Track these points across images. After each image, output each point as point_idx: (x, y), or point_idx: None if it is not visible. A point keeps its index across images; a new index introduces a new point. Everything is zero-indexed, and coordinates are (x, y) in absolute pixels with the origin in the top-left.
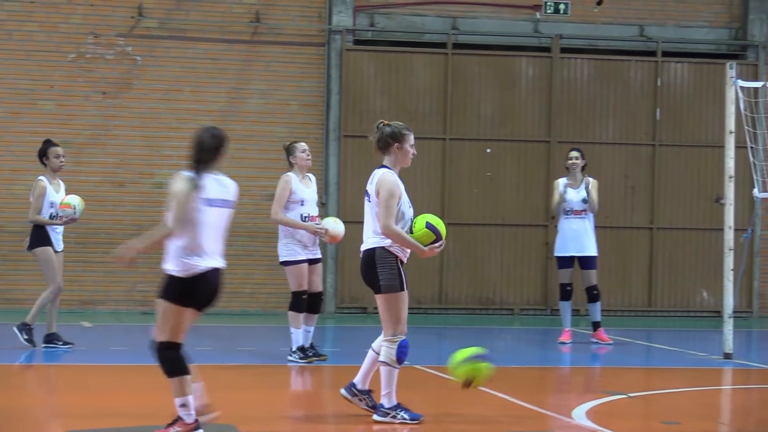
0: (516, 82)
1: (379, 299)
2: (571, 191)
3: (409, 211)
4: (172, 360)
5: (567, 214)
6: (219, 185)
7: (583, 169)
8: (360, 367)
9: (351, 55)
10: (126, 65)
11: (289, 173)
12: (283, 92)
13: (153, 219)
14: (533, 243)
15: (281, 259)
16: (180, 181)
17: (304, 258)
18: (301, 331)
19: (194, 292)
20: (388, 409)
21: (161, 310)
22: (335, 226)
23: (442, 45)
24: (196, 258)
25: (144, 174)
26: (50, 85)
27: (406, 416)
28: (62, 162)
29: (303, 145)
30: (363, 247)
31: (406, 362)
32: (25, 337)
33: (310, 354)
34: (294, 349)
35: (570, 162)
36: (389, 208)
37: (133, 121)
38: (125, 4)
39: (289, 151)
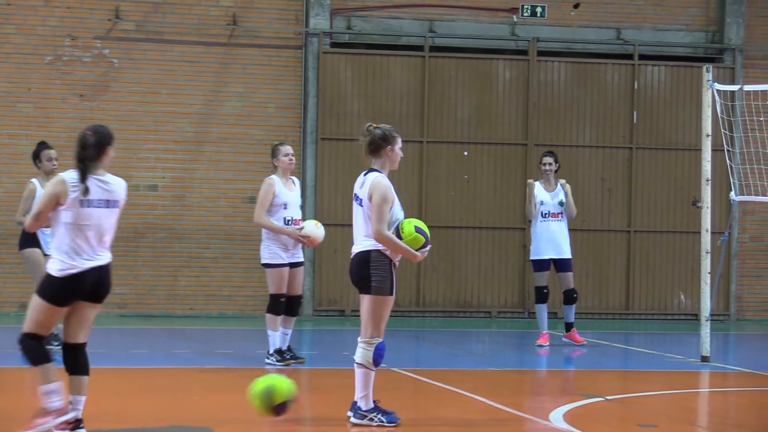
0: (493, 84)
1: (366, 300)
2: (547, 194)
3: (400, 215)
4: (34, 349)
5: (544, 217)
6: (101, 186)
7: (555, 172)
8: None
9: (328, 57)
10: (103, 68)
11: (272, 176)
12: (260, 95)
13: (130, 222)
14: (510, 246)
15: (263, 261)
16: (54, 182)
17: (285, 261)
18: (278, 334)
19: (68, 292)
20: (366, 411)
21: (33, 303)
22: (316, 230)
23: (419, 48)
24: (72, 259)
25: (121, 176)
26: (28, 88)
27: (383, 419)
28: (54, 165)
29: (287, 148)
30: (356, 249)
31: (382, 365)
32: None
33: (288, 357)
34: (271, 351)
35: (544, 168)
36: (381, 213)
37: (110, 123)
38: (102, 6)
39: (273, 153)
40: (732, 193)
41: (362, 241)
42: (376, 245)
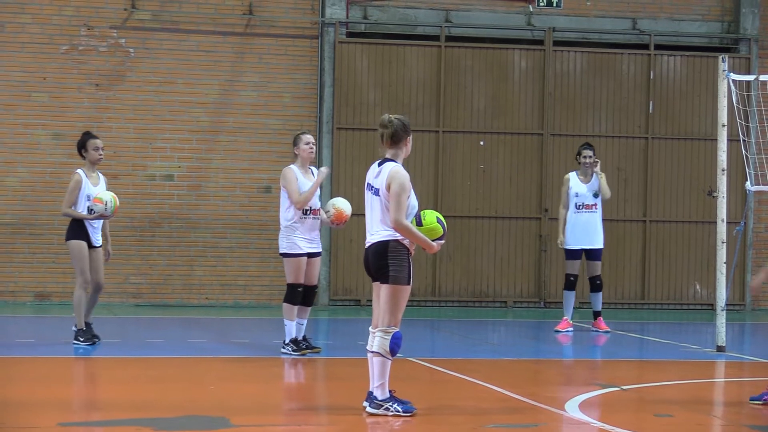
0: (509, 74)
1: (384, 289)
2: (583, 186)
3: (415, 204)
4: None
5: (579, 209)
6: None
7: (595, 164)
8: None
9: (344, 47)
10: (119, 57)
11: (291, 166)
12: (276, 84)
13: (146, 211)
14: (526, 235)
15: (281, 251)
16: None
17: (303, 252)
18: (294, 324)
19: None
20: (382, 401)
21: None
22: (344, 204)
23: (435, 38)
24: None
25: (137, 166)
26: (43, 77)
27: (399, 408)
28: (101, 154)
29: (308, 137)
30: (373, 239)
31: (399, 354)
32: (82, 339)
33: (303, 346)
34: (287, 341)
35: (585, 161)
36: (400, 203)
37: (126, 113)
38: None
39: (294, 141)
40: (747, 183)
41: (379, 231)
42: (394, 235)
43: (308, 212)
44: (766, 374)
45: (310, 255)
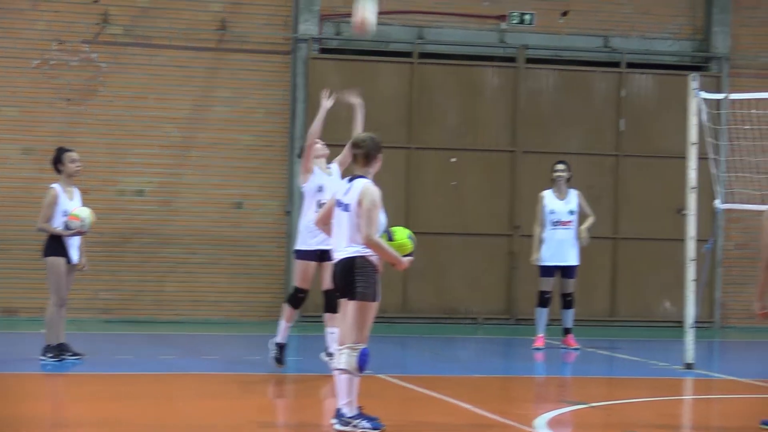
0: (481, 91)
1: (351, 306)
2: (559, 203)
3: (384, 219)
4: None
5: (554, 225)
6: None
7: (568, 180)
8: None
9: (317, 63)
10: (91, 72)
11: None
12: (248, 100)
13: (116, 227)
14: (497, 252)
15: (294, 248)
16: None
17: (313, 249)
18: (289, 326)
19: None
20: (350, 418)
21: None
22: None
23: (408, 54)
24: None
25: (108, 181)
26: (14, 92)
27: (367, 425)
28: (78, 166)
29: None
30: (340, 256)
31: (367, 371)
32: (50, 356)
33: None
34: (278, 340)
35: (557, 175)
36: (372, 218)
37: (97, 128)
38: (90, 10)
39: (301, 152)
40: (717, 201)
41: (347, 247)
42: (361, 251)
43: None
44: (735, 392)
45: (324, 256)
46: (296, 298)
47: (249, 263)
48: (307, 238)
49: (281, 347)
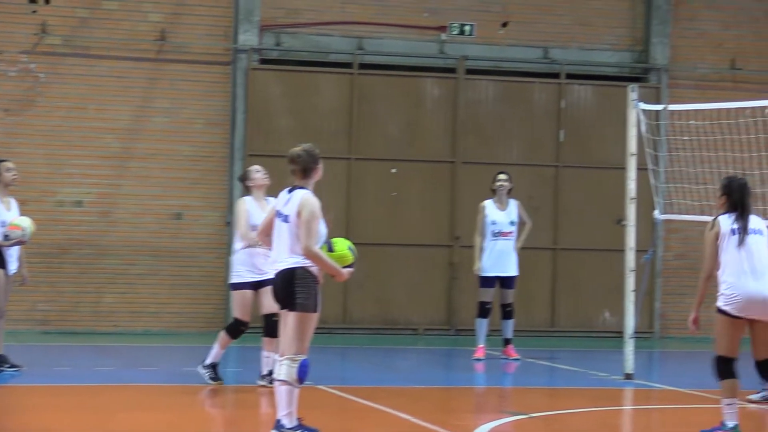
0: (421, 102)
1: (291, 317)
2: (500, 213)
3: (324, 230)
4: None
5: (495, 236)
6: None
7: (509, 191)
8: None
9: (257, 74)
10: (29, 82)
11: (245, 197)
12: (188, 111)
13: (54, 238)
14: (438, 263)
15: (229, 281)
16: None
17: (248, 281)
18: (222, 352)
19: None
20: (289, 429)
21: None
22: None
23: (348, 65)
24: None
25: (46, 192)
26: None
27: None
28: (15, 175)
29: (257, 167)
30: (280, 266)
31: (307, 382)
32: None
33: (268, 381)
34: (207, 363)
35: (498, 184)
36: (311, 229)
37: (35, 138)
38: (29, 21)
39: (244, 177)
40: (656, 212)
41: (287, 259)
42: (302, 262)
43: (260, 244)
44: (674, 402)
45: (260, 285)
46: (237, 330)
47: (189, 274)
48: (241, 271)
49: (213, 366)
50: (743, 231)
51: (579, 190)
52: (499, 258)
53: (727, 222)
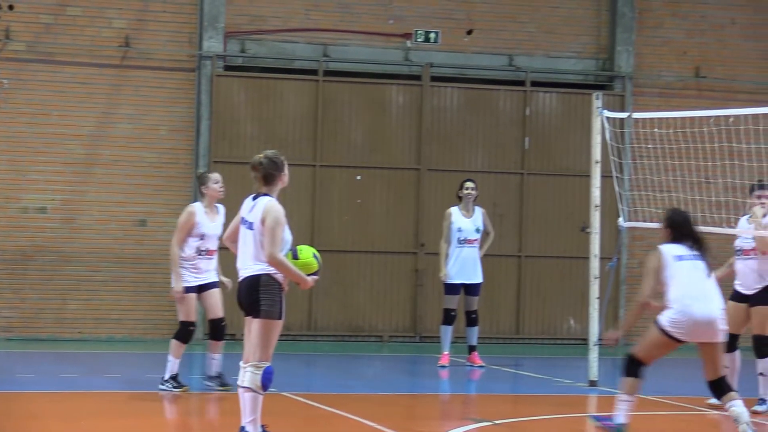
0: (386, 109)
1: (255, 324)
2: (466, 221)
3: (289, 237)
4: None
5: (461, 243)
6: None
7: (475, 199)
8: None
9: (221, 80)
10: None
11: (194, 204)
12: (152, 117)
13: (18, 244)
14: (403, 270)
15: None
16: None
17: (192, 284)
18: (178, 361)
19: None
20: None
21: None
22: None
23: (313, 72)
24: None
25: (10, 198)
26: None
27: None
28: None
29: (217, 176)
30: (245, 273)
31: (272, 389)
32: None
33: (217, 384)
34: (166, 377)
35: (467, 192)
36: (275, 237)
37: None
38: None
39: (201, 180)
40: (620, 219)
41: (252, 266)
42: (266, 269)
43: (203, 253)
44: (637, 408)
45: (203, 288)
46: (187, 332)
47: (152, 281)
48: (186, 276)
49: (174, 377)
50: (692, 257)
51: (544, 197)
52: (464, 265)
53: (672, 249)
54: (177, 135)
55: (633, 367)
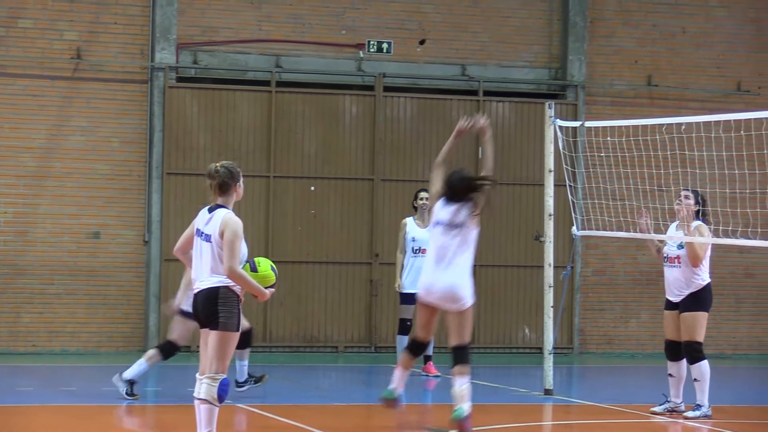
0: (339, 120)
1: (213, 336)
2: (421, 231)
3: (245, 250)
4: None
5: (415, 253)
6: None
7: (430, 209)
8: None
9: (174, 92)
10: None
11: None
12: (104, 129)
13: None
14: (357, 280)
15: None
16: None
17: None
18: (143, 368)
19: None
20: None
21: None
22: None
23: (266, 83)
24: None
25: None
26: None
27: None
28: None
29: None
30: (203, 286)
31: (228, 401)
32: None
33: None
34: (128, 377)
35: (422, 202)
36: (234, 249)
37: None
38: None
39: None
40: (574, 228)
41: (209, 278)
42: (224, 281)
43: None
44: (592, 416)
45: None
46: (173, 352)
47: (107, 293)
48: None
49: (132, 383)
50: (437, 223)
51: (498, 206)
52: (419, 275)
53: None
54: (130, 147)
55: (410, 343)
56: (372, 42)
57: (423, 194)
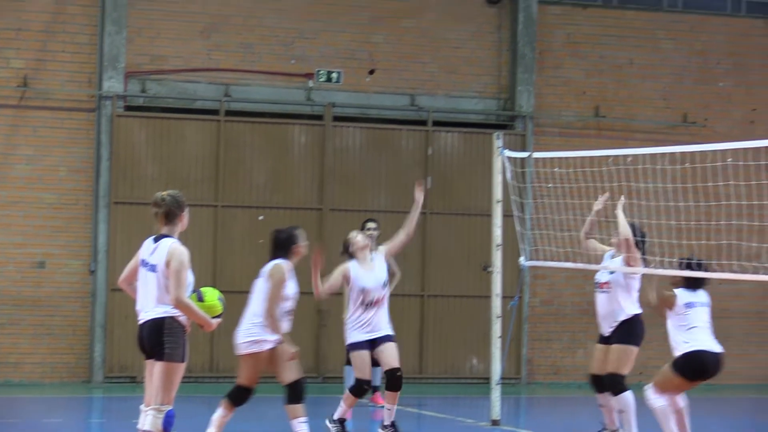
0: (288, 149)
1: (158, 367)
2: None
3: (191, 279)
4: None
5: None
6: None
7: (377, 238)
8: None
9: (122, 121)
10: None
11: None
12: (51, 158)
13: None
14: (306, 310)
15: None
16: None
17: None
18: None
19: None
20: None
21: None
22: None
23: (215, 112)
24: None
25: None
26: None
27: None
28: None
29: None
30: (148, 316)
31: None
32: None
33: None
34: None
35: (368, 233)
36: (181, 279)
37: None
38: None
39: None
40: (522, 258)
41: (154, 308)
42: (170, 312)
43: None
44: None
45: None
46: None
47: (51, 323)
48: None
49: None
50: None
51: (446, 236)
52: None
53: None
54: (77, 176)
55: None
56: (321, 72)
57: (370, 224)
